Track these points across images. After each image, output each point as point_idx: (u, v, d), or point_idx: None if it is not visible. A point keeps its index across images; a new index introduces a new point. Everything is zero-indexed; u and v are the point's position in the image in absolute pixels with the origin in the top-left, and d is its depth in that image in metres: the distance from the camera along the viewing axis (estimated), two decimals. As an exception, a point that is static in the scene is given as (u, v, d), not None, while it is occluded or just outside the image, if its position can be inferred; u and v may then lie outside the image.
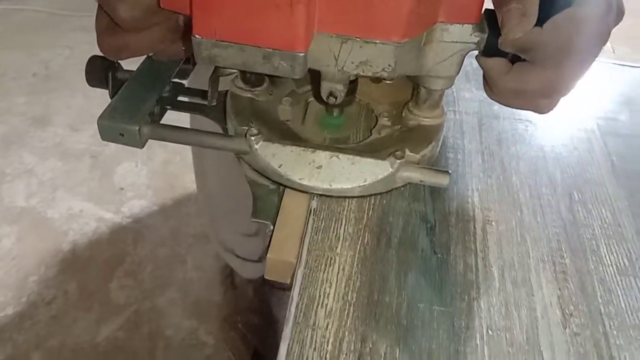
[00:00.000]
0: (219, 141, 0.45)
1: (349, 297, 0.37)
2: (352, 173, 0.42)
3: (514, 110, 0.46)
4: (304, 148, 0.43)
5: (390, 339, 0.36)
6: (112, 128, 0.43)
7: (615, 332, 0.37)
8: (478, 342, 0.36)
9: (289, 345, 0.34)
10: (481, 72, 0.41)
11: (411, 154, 0.44)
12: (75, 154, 1.65)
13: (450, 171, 0.43)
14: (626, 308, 0.39)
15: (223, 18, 0.32)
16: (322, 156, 0.43)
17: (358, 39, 0.34)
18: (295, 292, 0.37)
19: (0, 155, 1.67)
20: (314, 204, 0.44)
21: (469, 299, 0.38)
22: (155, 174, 1.58)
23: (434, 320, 0.37)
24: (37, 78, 1.95)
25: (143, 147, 0.43)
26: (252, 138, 0.43)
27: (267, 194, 0.44)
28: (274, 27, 0.31)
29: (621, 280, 0.41)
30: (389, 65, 0.35)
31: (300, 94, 0.51)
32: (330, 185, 0.42)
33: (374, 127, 0.48)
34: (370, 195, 0.44)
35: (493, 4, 0.36)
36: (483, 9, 0.37)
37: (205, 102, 0.49)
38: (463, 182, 0.48)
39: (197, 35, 0.33)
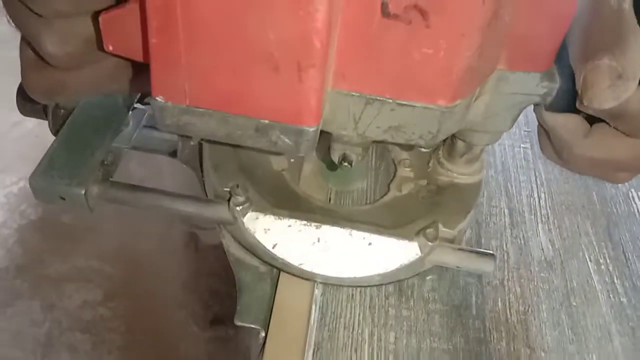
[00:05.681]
0: (192, 208, 0.34)
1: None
2: (369, 257, 0.33)
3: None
4: (305, 222, 0.34)
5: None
6: (48, 190, 0.32)
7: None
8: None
9: None
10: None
11: (445, 229, 0.34)
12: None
13: (495, 254, 0.34)
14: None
15: (196, 76, 0.22)
16: (329, 234, 0.33)
17: (389, 101, 0.25)
18: None
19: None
20: (318, 293, 0.34)
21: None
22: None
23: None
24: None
25: (93, 211, 0.33)
26: (238, 208, 0.33)
27: (256, 282, 0.35)
28: (273, 93, 0.22)
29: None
30: (430, 132, 0.26)
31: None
32: (342, 274, 0.34)
33: (393, 179, 0.39)
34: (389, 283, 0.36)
35: (570, 52, 0.26)
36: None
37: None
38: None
39: (158, 98, 0.23)
